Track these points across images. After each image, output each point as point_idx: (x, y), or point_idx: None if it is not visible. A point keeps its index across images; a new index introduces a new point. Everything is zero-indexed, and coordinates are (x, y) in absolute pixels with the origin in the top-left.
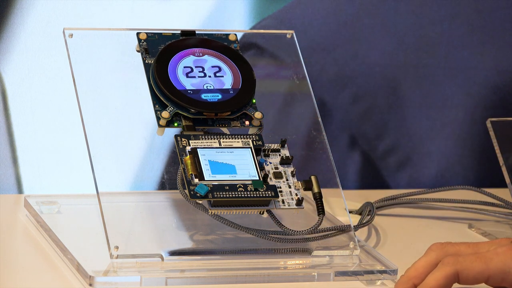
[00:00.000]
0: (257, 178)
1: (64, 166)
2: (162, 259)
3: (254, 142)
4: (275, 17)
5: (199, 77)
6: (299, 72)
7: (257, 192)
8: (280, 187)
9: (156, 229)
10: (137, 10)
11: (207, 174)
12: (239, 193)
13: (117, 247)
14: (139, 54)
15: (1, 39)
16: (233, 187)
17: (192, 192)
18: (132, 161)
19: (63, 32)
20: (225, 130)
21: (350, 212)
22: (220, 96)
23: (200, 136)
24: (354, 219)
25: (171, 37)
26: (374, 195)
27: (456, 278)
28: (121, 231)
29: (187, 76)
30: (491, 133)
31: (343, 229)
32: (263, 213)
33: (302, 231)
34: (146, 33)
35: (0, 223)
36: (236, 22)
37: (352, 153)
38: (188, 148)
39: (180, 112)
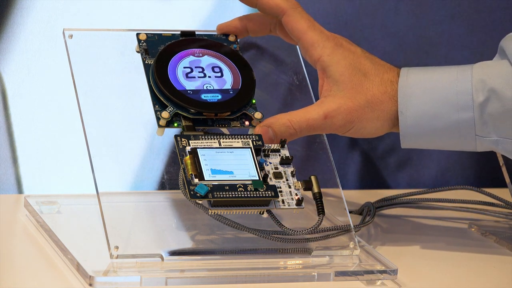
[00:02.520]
0: (257, 178)
1: (64, 166)
2: (162, 259)
3: (254, 142)
4: None
5: (199, 77)
6: (299, 72)
7: (257, 192)
8: (280, 187)
9: (156, 229)
10: (137, 10)
11: (207, 174)
12: (239, 193)
13: (117, 247)
14: (139, 54)
15: (1, 39)
16: (233, 187)
17: (192, 192)
18: (132, 161)
19: (63, 32)
20: (225, 130)
21: (350, 212)
22: (220, 97)
23: (200, 136)
24: (354, 219)
25: (171, 38)
26: (374, 195)
27: None
28: (121, 231)
29: (187, 77)
30: None
31: (343, 229)
32: (263, 213)
33: (302, 231)
34: (146, 33)
35: (0, 223)
36: None
37: (352, 153)
38: (188, 148)
39: (180, 112)
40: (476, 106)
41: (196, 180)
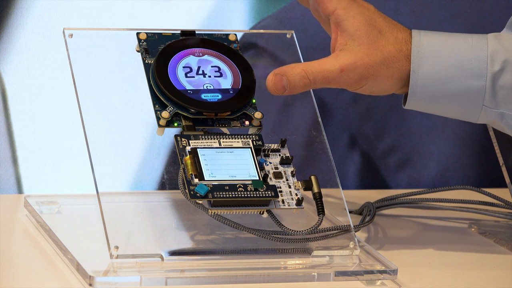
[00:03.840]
0: (257, 178)
1: (64, 166)
2: (162, 259)
3: (254, 142)
4: (275, 17)
5: (199, 77)
6: None
7: (257, 192)
8: (280, 187)
9: (156, 229)
10: (137, 10)
11: (207, 174)
12: (239, 193)
13: (117, 247)
14: (139, 54)
15: (1, 39)
16: (233, 187)
17: (192, 192)
18: (132, 161)
19: (63, 32)
20: (225, 130)
21: (350, 212)
22: (220, 96)
23: (200, 136)
24: (354, 219)
25: (171, 37)
26: (374, 195)
27: None
28: (121, 231)
29: (187, 76)
30: (491, 133)
31: (343, 229)
32: (263, 213)
33: (302, 231)
34: (146, 33)
35: (0, 223)
36: (236, 22)
37: (352, 153)
38: (188, 148)
39: (180, 112)
40: (490, 75)
41: (196, 180)
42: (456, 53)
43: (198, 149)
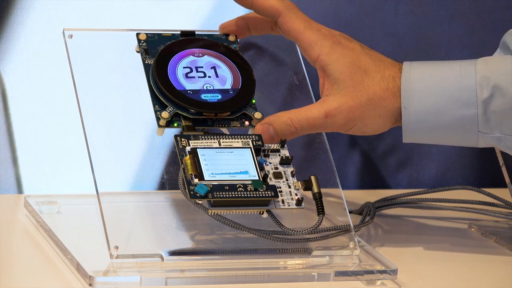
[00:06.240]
0: (257, 178)
1: (64, 166)
2: (162, 259)
3: (254, 142)
4: None
5: (198, 77)
6: (299, 72)
7: (257, 192)
8: (280, 187)
9: (156, 229)
10: (137, 10)
11: (207, 174)
12: (239, 193)
13: (117, 247)
14: (139, 54)
15: (1, 39)
16: (233, 187)
17: (192, 192)
18: (132, 161)
19: (63, 32)
20: (224, 130)
21: (350, 212)
22: (220, 96)
23: (200, 136)
24: (354, 219)
25: (171, 38)
26: (374, 195)
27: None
28: (121, 231)
29: (187, 77)
30: None
31: (343, 229)
32: (263, 213)
33: (302, 231)
34: (145, 33)
35: (0, 223)
36: None
37: (352, 153)
38: (188, 148)
39: (180, 112)
40: (480, 102)
41: (196, 180)
42: (445, 84)
43: (198, 149)
